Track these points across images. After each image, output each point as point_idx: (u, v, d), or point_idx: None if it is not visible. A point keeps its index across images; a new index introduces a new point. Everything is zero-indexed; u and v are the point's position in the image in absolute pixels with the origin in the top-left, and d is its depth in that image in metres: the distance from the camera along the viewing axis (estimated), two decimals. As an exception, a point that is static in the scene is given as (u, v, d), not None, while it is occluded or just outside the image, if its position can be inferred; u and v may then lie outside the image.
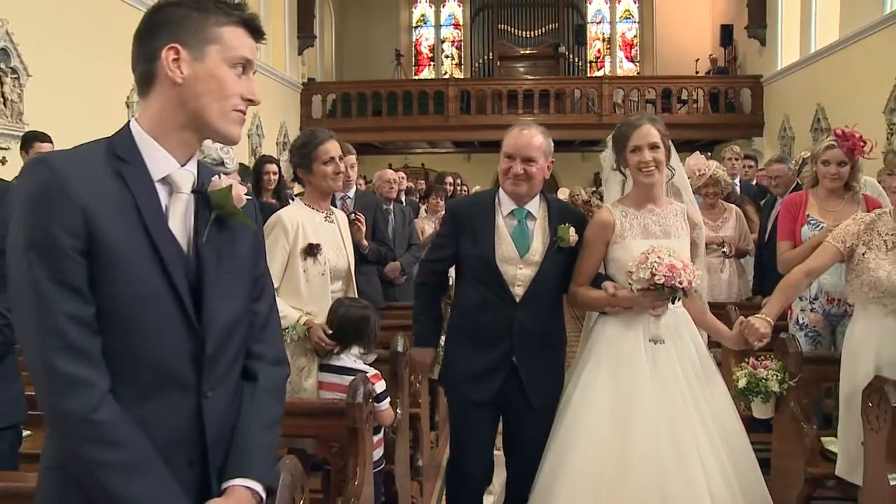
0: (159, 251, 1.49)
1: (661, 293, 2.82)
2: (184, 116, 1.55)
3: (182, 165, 1.58)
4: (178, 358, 1.52)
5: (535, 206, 3.13)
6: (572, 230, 3.05)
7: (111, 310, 1.45)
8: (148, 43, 1.54)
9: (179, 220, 1.57)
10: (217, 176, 1.65)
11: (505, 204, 3.11)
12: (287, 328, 3.16)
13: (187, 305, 1.53)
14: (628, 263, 2.90)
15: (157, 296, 1.49)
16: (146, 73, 1.55)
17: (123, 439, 1.43)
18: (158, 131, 1.55)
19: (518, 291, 3.05)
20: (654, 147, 2.98)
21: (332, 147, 3.41)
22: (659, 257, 2.80)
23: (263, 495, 1.62)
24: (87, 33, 8.72)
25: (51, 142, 5.43)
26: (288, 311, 3.17)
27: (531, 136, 3.05)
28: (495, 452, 3.27)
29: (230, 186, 1.62)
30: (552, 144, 3.15)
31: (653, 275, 2.78)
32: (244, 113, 1.62)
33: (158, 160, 1.55)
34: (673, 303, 2.89)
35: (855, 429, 3.05)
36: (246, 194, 1.71)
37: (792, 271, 3.27)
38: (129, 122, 1.58)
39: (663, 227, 3.07)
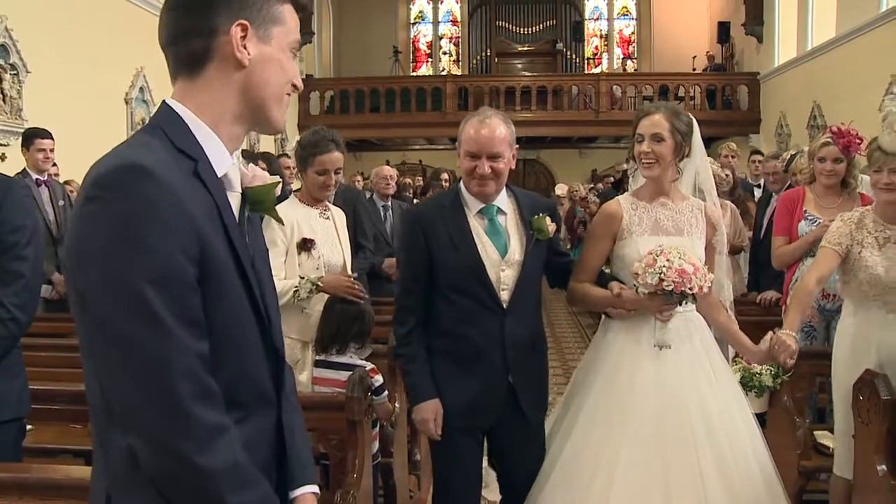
0: (242, 265, 1.34)
1: (669, 298, 2.67)
2: (243, 104, 1.37)
3: None
4: (264, 375, 1.41)
5: (503, 199, 2.84)
6: (548, 219, 2.79)
7: (217, 336, 1.28)
8: (204, 15, 1.32)
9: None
10: (244, 167, 1.48)
11: (471, 203, 2.80)
12: (295, 289, 3.26)
13: (265, 320, 1.40)
14: (634, 263, 2.72)
15: (248, 314, 1.36)
16: (200, 50, 1.33)
17: (256, 476, 1.30)
18: (215, 121, 1.36)
19: (504, 296, 2.75)
20: (657, 139, 2.80)
21: (329, 160, 3.42)
22: (668, 260, 2.62)
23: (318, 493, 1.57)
24: (87, 30, 8.74)
25: (51, 138, 5.45)
26: (285, 283, 3.27)
27: (493, 129, 2.69)
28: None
29: (277, 182, 1.47)
30: (514, 129, 2.82)
31: (661, 280, 2.61)
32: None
33: (218, 156, 1.36)
34: (681, 305, 2.73)
35: (846, 423, 3.09)
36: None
37: (804, 280, 3.23)
38: (171, 106, 1.36)
39: (676, 223, 2.86)
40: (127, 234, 1.16)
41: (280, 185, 1.49)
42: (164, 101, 1.38)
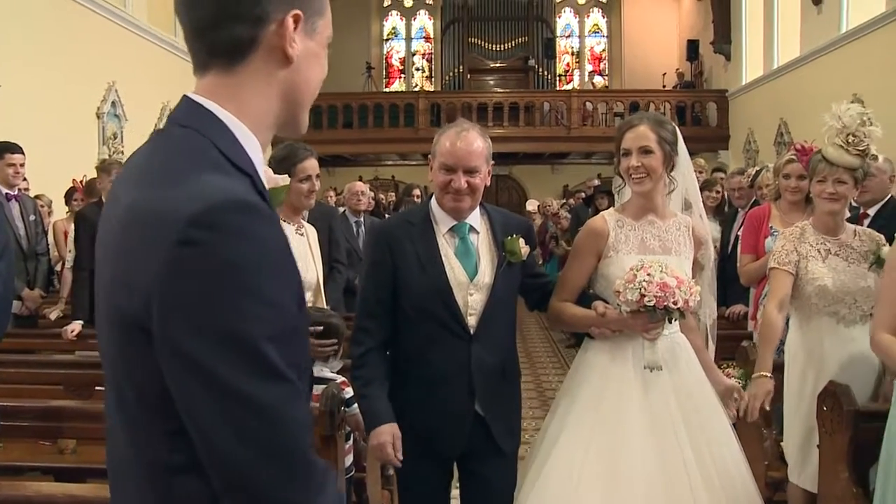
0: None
1: (653, 315, 2.52)
2: (283, 106, 1.19)
3: None
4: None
5: (476, 217, 2.68)
6: (521, 241, 2.64)
7: None
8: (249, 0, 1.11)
9: None
10: None
11: (442, 220, 2.65)
12: None
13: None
14: (616, 282, 2.58)
15: None
16: (245, 38, 1.12)
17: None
18: (256, 125, 1.17)
19: (471, 321, 2.59)
20: (645, 152, 2.65)
21: (310, 165, 3.41)
22: (648, 274, 2.48)
23: None
24: (58, 43, 8.69)
25: (22, 152, 5.41)
26: None
27: (471, 142, 2.55)
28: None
29: (287, 185, 1.28)
30: (490, 144, 2.66)
31: (642, 295, 2.46)
32: None
33: (261, 168, 1.18)
34: (670, 322, 2.60)
35: (799, 435, 3.18)
36: None
37: (765, 314, 3.24)
38: (207, 108, 1.15)
39: (663, 242, 2.74)
40: (241, 285, 0.99)
41: (288, 186, 1.34)
42: (189, 97, 1.18)
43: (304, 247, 3.51)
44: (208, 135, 1.11)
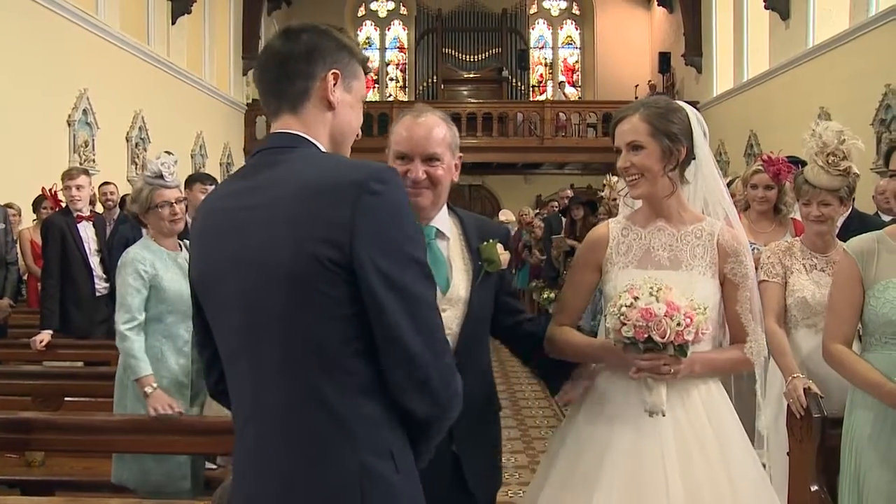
0: None
1: (635, 349, 2.07)
2: (331, 141, 1.62)
3: None
4: None
5: (444, 220, 2.23)
6: (500, 246, 2.22)
7: None
8: (307, 62, 1.58)
9: None
10: None
11: None
12: None
13: None
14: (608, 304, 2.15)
15: None
16: (302, 89, 1.58)
17: None
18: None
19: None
20: (634, 147, 2.22)
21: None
22: (635, 298, 2.03)
23: None
24: (28, 50, 8.58)
25: (-11, 161, 5.33)
26: None
27: (430, 127, 2.14)
28: None
29: None
30: (457, 135, 2.25)
31: (622, 324, 2.04)
32: None
33: None
34: (683, 355, 2.07)
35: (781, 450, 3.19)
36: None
37: (768, 331, 3.08)
38: (299, 135, 1.58)
39: (673, 254, 2.25)
40: (406, 217, 1.47)
41: None
42: (281, 132, 1.58)
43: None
44: (317, 149, 1.57)
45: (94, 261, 5.34)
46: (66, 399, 4.08)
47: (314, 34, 1.61)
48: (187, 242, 3.56)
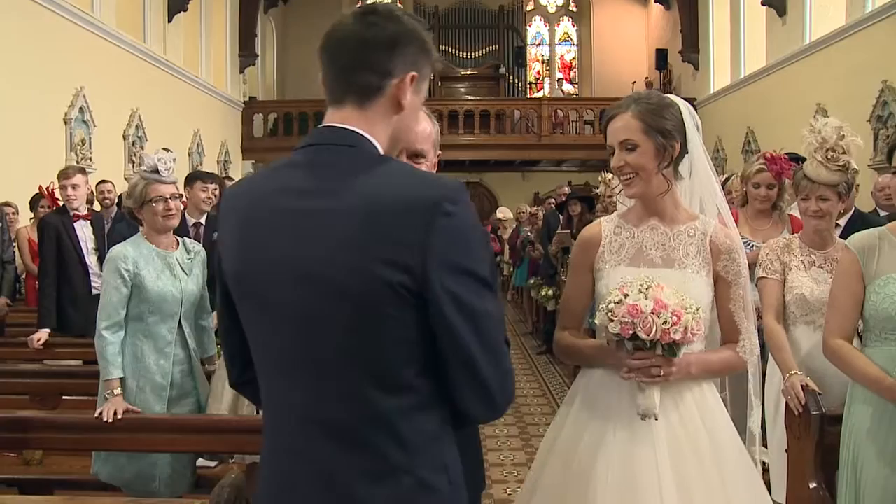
0: None
1: (622, 346, 2.04)
2: (389, 142, 1.52)
3: None
4: None
5: None
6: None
7: None
8: (387, 57, 1.46)
9: None
10: None
11: None
12: None
13: None
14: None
15: None
16: (374, 85, 1.47)
17: None
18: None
19: None
20: (627, 147, 2.16)
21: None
22: (624, 294, 2.00)
23: None
24: (25, 48, 8.56)
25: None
26: None
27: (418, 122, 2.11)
28: None
29: None
30: (438, 130, 2.21)
31: (610, 320, 2.01)
32: None
33: None
34: (674, 356, 2.03)
35: (780, 448, 3.19)
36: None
37: (767, 328, 3.19)
38: (362, 133, 1.47)
39: (665, 252, 2.21)
40: (478, 237, 1.44)
41: None
42: (340, 127, 1.47)
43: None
44: (376, 151, 1.47)
45: (91, 259, 5.33)
46: (64, 398, 4.08)
47: (400, 26, 1.48)
48: (186, 240, 3.55)
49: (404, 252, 1.35)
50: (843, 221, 4.54)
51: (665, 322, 1.95)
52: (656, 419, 2.05)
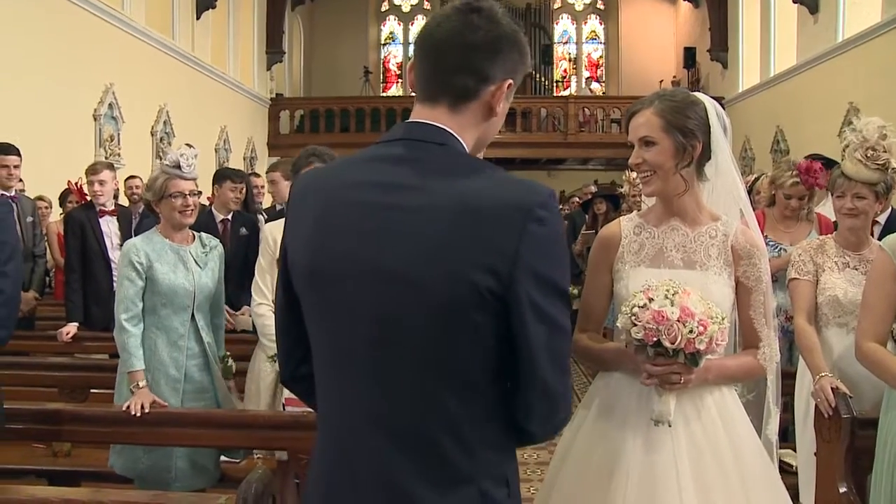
0: None
1: (644, 352, 1.97)
2: (473, 147, 1.49)
3: None
4: None
5: None
6: None
7: None
8: (488, 62, 1.44)
9: None
10: None
11: None
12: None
13: None
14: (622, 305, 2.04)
15: None
16: (471, 88, 1.44)
17: None
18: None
19: None
20: (646, 143, 2.11)
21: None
22: (649, 299, 1.93)
23: None
24: (55, 45, 8.68)
25: (18, 154, 5.37)
26: None
27: None
28: None
29: None
30: None
31: (633, 325, 1.94)
32: None
33: None
34: (696, 364, 1.96)
35: (809, 451, 3.15)
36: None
37: (798, 329, 3.19)
38: (454, 135, 1.44)
39: (687, 254, 2.14)
40: (564, 247, 1.45)
41: None
42: (431, 124, 1.44)
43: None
44: (465, 152, 1.45)
45: (115, 255, 5.37)
46: (93, 391, 4.12)
47: (503, 30, 1.47)
48: (202, 235, 3.55)
49: (496, 257, 1.32)
50: (882, 219, 4.46)
51: (691, 331, 1.89)
52: (670, 426, 2.00)
